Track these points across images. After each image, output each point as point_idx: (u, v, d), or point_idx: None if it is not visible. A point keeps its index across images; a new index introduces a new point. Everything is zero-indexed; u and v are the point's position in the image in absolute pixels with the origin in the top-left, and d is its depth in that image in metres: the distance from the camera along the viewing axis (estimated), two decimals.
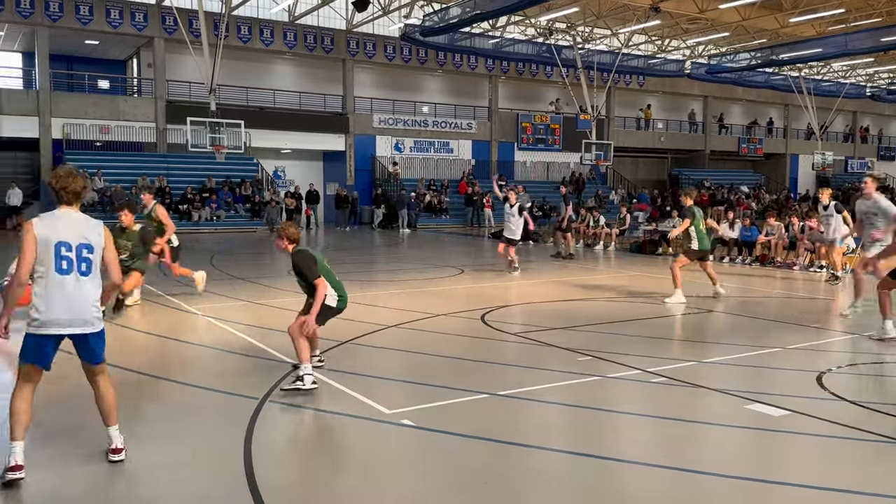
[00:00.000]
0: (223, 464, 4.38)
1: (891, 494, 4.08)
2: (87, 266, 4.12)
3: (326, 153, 32.33)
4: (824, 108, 39.52)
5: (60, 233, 4.07)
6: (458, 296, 10.85)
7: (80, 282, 4.09)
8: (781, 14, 28.30)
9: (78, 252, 4.09)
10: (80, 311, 4.08)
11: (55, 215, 4.16)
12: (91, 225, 4.22)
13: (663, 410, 5.52)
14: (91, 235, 4.17)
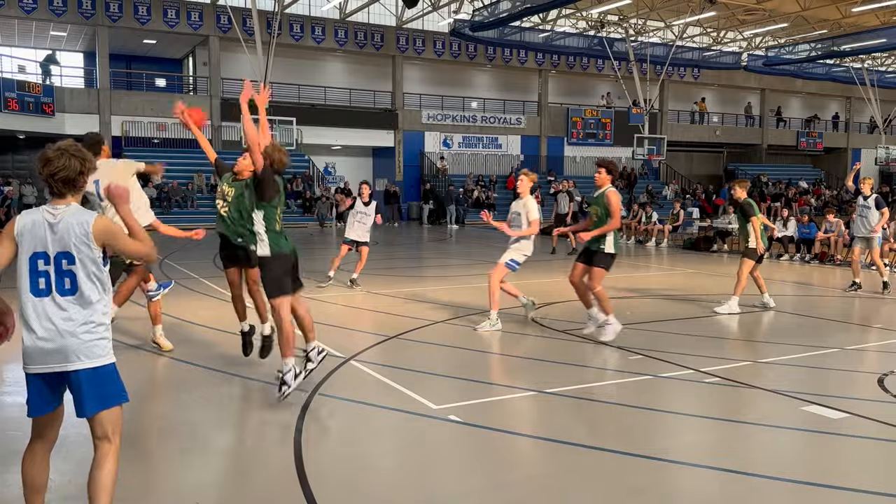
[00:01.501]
0: (273, 456, 4.46)
1: None
2: (71, 282, 2.99)
3: (376, 149, 32.60)
4: (888, 101, 38.02)
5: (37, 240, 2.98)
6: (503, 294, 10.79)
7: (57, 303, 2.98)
8: (843, 3, 27.32)
9: (57, 265, 2.98)
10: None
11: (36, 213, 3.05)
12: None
13: (716, 411, 5.41)
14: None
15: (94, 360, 2.97)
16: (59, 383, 2.99)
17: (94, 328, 2.99)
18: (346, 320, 8.73)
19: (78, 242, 2.96)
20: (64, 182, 2.99)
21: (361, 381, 6.04)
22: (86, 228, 2.97)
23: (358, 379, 6.13)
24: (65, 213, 2.99)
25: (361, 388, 5.79)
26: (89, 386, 2.95)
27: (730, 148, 41.24)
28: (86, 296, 2.99)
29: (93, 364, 2.96)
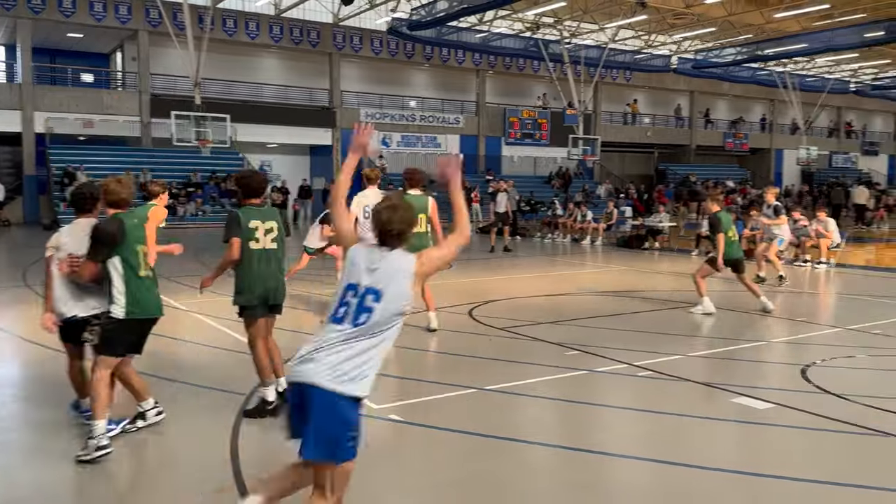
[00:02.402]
0: (210, 461, 4.35)
1: (874, 486, 4.13)
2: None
3: (313, 147, 32.20)
4: (809, 104, 39.79)
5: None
6: (445, 291, 10.84)
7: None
8: (766, 9, 28.43)
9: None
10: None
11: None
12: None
13: (650, 404, 5.55)
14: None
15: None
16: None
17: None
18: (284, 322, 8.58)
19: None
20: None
21: None
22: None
23: None
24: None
25: None
26: None
27: (660, 148, 42.41)
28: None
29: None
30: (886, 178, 46.72)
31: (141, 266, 4.48)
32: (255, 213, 4.98)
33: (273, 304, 5.07)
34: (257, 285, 4.93)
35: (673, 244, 18.69)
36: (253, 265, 4.91)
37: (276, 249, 5.01)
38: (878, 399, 5.58)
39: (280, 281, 5.08)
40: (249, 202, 5.03)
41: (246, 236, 4.87)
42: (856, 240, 19.00)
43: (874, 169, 45.62)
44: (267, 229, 4.95)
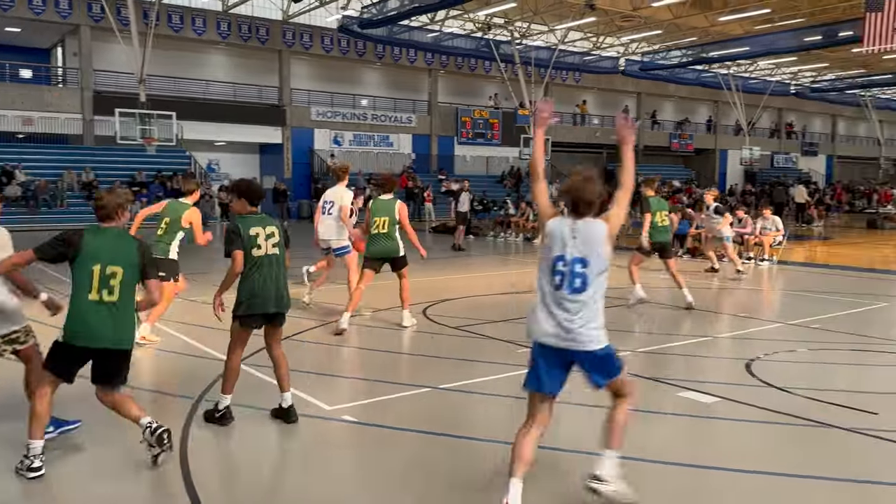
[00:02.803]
0: (157, 467, 4.26)
1: (816, 475, 4.28)
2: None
3: (263, 146, 31.74)
4: (751, 105, 40.95)
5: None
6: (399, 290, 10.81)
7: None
8: (711, 13, 29.15)
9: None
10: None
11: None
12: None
13: (598, 399, 5.62)
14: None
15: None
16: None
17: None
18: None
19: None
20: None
21: (249, 385, 5.86)
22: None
23: (245, 382, 5.94)
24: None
25: (249, 391, 5.62)
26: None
27: (609, 149, 43.06)
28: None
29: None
30: (824, 177, 48.44)
31: (93, 288, 3.99)
32: (254, 220, 4.89)
33: (276, 311, 4.93)
34: (262, 292, 4.81)
35: (622, 242, 18.99)
36: (254, 271, 4.81)
37: (278, 255, 4.92)
38: (819, 391, 5.79)
39: (284, 287, 4.96)
40: (249, 210, 4.94)
41: (248, 245, 4.78)
42: (796, 237, 19.64)
43: (813, 168, 47.23)
44: (268, 234, 4.87)
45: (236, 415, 5.12)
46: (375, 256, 7.98)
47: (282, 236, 4.96)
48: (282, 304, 4.92)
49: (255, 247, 4.79)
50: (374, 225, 7.91)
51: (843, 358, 6.85)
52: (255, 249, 4.79)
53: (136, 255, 4.13)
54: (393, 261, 8.06)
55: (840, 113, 51.27)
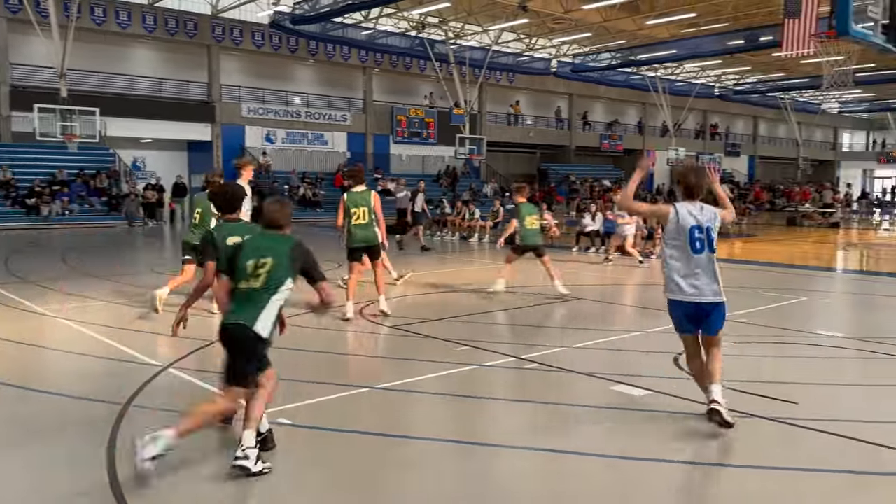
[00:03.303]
0: (85, 473, 4.10)
1: (742, 464, 4.45)
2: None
3: (191, 143, 30.89)
4: (678, 107, 42.26)
5: None
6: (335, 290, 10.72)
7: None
8: (639, 16, 29.93)
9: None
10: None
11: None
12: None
13: (536, 395, 5.73)
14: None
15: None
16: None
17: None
18: (164, 325, 8.21)
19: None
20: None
21: (181, 390, 5.72)
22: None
23: (177, 387, 5.80)
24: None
25: (182, 396, 5.48)
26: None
27: (542, 149, 43.78)
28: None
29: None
30: (747, 176, 50.43)
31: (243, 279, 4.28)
32: (233, 228, 4.62)
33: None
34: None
35: (555, 240, 19.33)
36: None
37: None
38: (742, 383, 6.03)
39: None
40: (226, 218, 4.75)
41: (224, 255, 4.44)
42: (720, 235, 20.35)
43: (736, 168, 49.10)
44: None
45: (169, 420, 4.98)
46: (358, 246, 8.36)
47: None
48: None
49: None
50: (353, 216, 8.26)
51: (765, 350, 7.15)
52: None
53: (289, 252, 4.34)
54: (371, 250, 8.40)
55: (761, 115, 53.49)
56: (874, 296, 11.46)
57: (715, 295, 4.84)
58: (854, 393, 5.96)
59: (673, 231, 4.91)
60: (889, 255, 18.88)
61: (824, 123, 56.76)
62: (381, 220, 8.46)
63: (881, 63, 32.17)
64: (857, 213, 37.02)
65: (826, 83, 25.40)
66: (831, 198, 33.58)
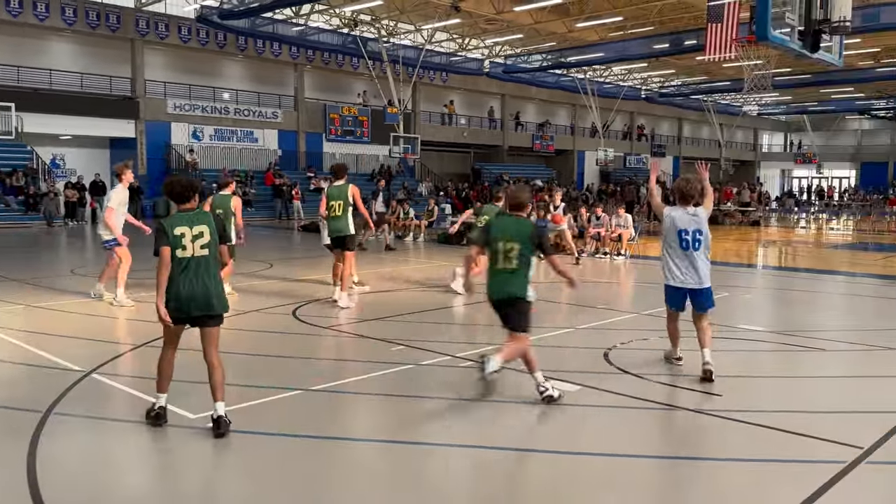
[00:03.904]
0: (6, 481, 3.91)
1: (673, 456, 4.60)
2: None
3: (114, 140, 29.73)
4: (606, 109, 43.24)
5: None
6: (267, 291, 10.54)
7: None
8: (569, 19, 30.48)
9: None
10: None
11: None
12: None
13: (471, 393, 5.77)
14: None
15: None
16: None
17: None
18: (86, 329, 7.91)
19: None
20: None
21: (106, 395, 5.52)
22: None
23: (102, 393, 5.59)
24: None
25: (106, 402, 5.29)
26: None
27: (476, 148, 44.09)
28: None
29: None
30: (672, 177, 52.01)
31: (497, 260, 5.47)
32: (183, 219, 4.67)
33: (205, 314, 4.68)
34: (187, 295, 4.61)
35: None
36: (180, 276, 4.60)
37: (206, 257, 4.67)
38: (668, 376, 6.24)
39: (214, 289, 4.69)
40: (180, 208, 4.77)
41: (173, 245, 4.58)
42: (648, 233, 20.98)
43: (662, 169, 50.57)
44: (195, 235, 4.64)
45: (94, 427, 4.81)
46: (332, 236, 9.19)
47: (213, 235, 4.71)
48: (210, 307, 4.68)
49: (179, 247, 4.60)
50: (330, 209, 9.08)
51: (689, 345, 7.39)
52: (179, 250, 4.60)
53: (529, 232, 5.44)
54: (343, 240, 9.10)
55: (685, 116, 55.31)
56: (792, 291, 12.01)
57: (699, 283, 6.05)
58: (775, 385, 6.24)
59: (667, 231, 6.11)
60: (805, 251, 19.84)
61: (745, 125, 59.14)
62: (363, 210, 9.29)
63: (797, 67, 33.76)
64: (775, 211, 38.70)
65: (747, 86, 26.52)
66: (749, 196, 34.96)
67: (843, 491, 3.90)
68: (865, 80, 39.60)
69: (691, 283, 6.08)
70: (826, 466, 4.17)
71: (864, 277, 13.21)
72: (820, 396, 5.87)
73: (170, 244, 4.58)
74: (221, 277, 4.91)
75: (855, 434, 4.68)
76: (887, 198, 40.00)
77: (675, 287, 6.13)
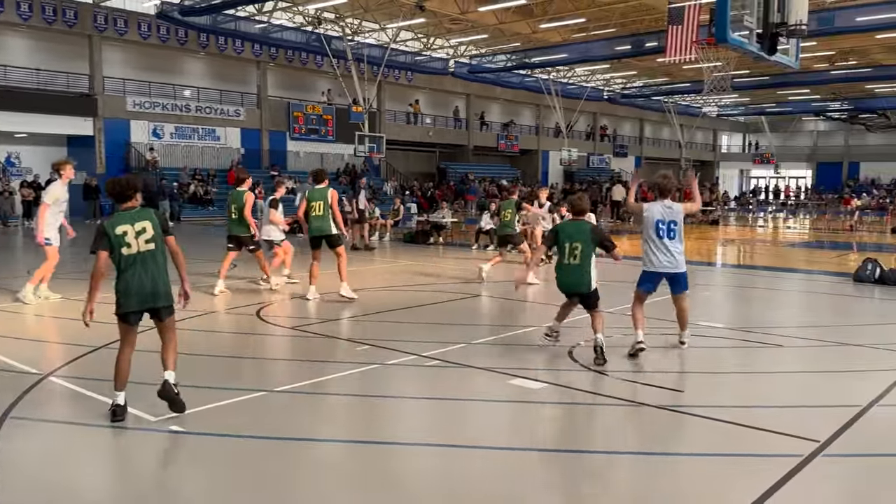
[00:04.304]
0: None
1: (637, 451, 4.66)
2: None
3: (71, 138, 29.03)
4: (569, 109, 43.64)
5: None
6: (231, 291, 10.41)
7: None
8: (532, 20, 30.68)
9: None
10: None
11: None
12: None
13: (437, 392, 5.78)
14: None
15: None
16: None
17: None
18: (43, 331, 7.72)
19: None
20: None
21: (63, 399, 5.39)
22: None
23: (59, 396, 5.47)
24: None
25: (64, 405, 5.17)
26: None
27: (441, 148, 44.13)
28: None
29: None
30: None
31: (565, 255, 6.70)
32: (124, 217, 4.83)
33: (152, 307, 4.87)
34: (136, 290, 4.79)
35: (455, 238, 19.61)
36: (128, 270, 4.78)
37: (153, 251, 4.85)
38: (629, 373, 6.32)
39: (162, 283, 4.88)
40: (121, 208, 4.91)
41: (116, 244, 4.74)
42: (613, 232, 21.23)
43: (624, 168, 51.22)
44: (138, 231, 4.79)
45: (52, 430, 4.69)
46: (314, 235, 9.58)
47: (157, 229, 4.85)
48: (158, 299, 4.86)
49: (124, 246, 4.76)
50: (311, 210, 9.52)
51: (652, 341, 7.50)
52: (124, 248, 4.77)
53: (589, 232, 6.63)
54: (328, 239, 9.54)
55: (647, 117, 56.09)
56: (750, 288, 12.26)
57: (675, 267, 6.68)
58: (735, 380, 6.37)
59: (646, 223, 6.71)
60: (763, 250, 20.27)
61: (705, 126, 60.19)
62: (337, 214, 9.55)
63: (755, 70, 34.47)
64: (734, 210, 39.49)
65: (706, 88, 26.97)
66: (708, 196, 35.63)
67: (800, 483, 4.00)
68: (821, 83, 40.61)
69: (669, 268, 6.67)
70: (784, 460, 4.27)
71: (819, 275, 13.54)
72: (778, 391, 6.01)
73: (110, 246, 4.72)
74: (180, 267, 5.08)
75: (812, 428, 4.80)
76: (842, 197, 41.09)
77: (651, 272, 6.72)
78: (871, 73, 38.48)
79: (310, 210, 9.53)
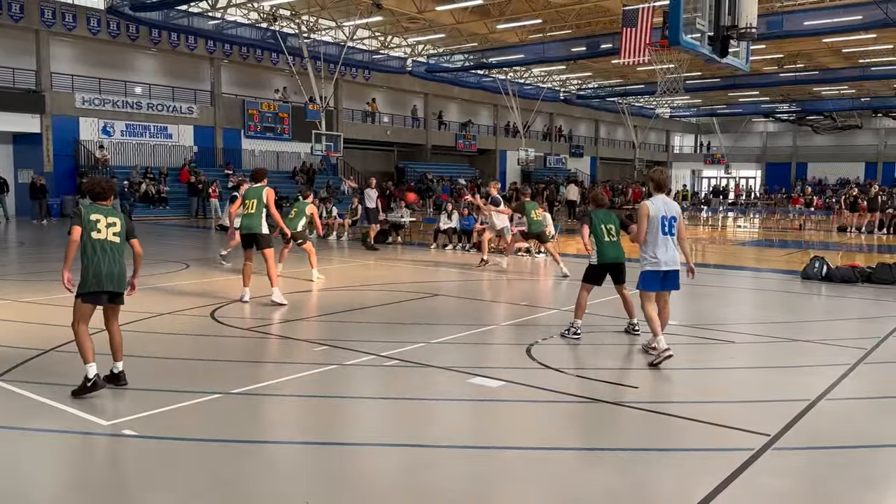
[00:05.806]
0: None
1: (595, 447, 4.71)
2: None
3: (17, 135, 28.16)
4: (527, 110, 44.00)
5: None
6: (184, 292, 10.21)
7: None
8: (489, 20, 30.85)
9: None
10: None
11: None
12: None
13: (396, 391, 5.76)
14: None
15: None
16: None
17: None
18: None
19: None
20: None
21: (10, 403, 5.22)
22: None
23: (6, 401, 5.29)
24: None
25: (11, 410, 5.00)
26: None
27: (399, 147, 44.05)
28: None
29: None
30: (590, 176, 53.42)
31: (606, 234, 7.72)
32: (100, 209, 5.55)
33: (114, 291, 5.49)
34: (98, 272, 5.38)
35: (413, 238, 19.58)
36: (95, 254, 5.40)
37: (117, 243, 5.52)
38: (587, 370, 6.40)
39: (123, 271, 5.53)
40: (96, 203, 5.60)
41: (88, 227, 5.39)
42: (568, 232, 21.45)
43: (580, 168, 51.88)
44: (109, 223, 5.50)
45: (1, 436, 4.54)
46: (244, 234, 9.49)
47: (124, 227, 5.58)
48: (120, 284, 5.53)
49: (94, 230, 5.41)
50: (245, 207, 9.47)
51: (608, 339, 7.62)
52: (94, 233, 5.41)
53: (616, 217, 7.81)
54: (256, 239, 9.39)
55: (602, 118, 56.89)
56: (702, 286, 12.52)
57: (675, 264, 6.62)
58: (689, 376, 6.49)
59: (651, 221, 6.60)
60: (714, 248, 20.71)
61: (658, 127, 61.32)
62: (275, 213, 9.50)
63: (707, 72, 35.26)
64: (685, 209, 40.27)
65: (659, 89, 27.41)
66: None
67: (751, 476, 4.10)
68: (770, 85, 41.76)
69: (672, 265, 6.61)
70: (736, 454, 4.37)
71: (769, 272, 13.91)
72: (730, 386, 6.15)
73: (81, 225, 5.36)
74: (137, 265, 5.83)
75: (763, 422, 4.92)
76: (790, 197, 42.25)
77: (655, 271, 6.63)
78: (817, 76, 39.75)
79: (242, 207, 9.53)
